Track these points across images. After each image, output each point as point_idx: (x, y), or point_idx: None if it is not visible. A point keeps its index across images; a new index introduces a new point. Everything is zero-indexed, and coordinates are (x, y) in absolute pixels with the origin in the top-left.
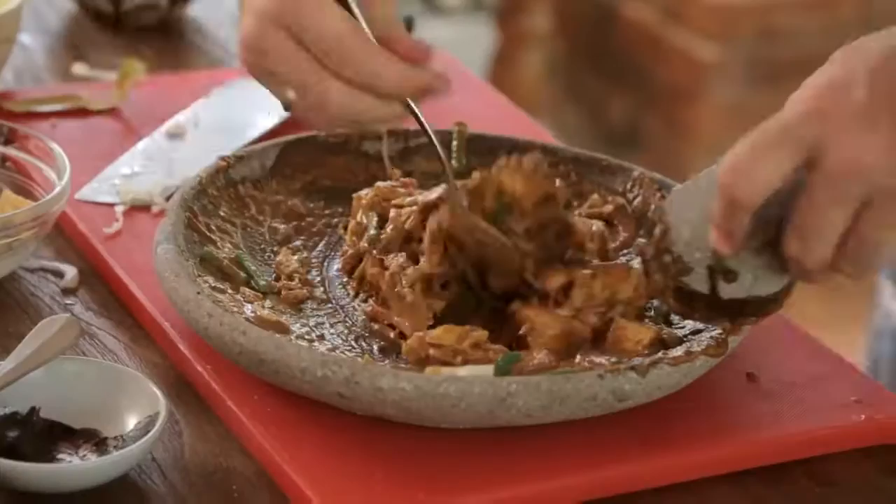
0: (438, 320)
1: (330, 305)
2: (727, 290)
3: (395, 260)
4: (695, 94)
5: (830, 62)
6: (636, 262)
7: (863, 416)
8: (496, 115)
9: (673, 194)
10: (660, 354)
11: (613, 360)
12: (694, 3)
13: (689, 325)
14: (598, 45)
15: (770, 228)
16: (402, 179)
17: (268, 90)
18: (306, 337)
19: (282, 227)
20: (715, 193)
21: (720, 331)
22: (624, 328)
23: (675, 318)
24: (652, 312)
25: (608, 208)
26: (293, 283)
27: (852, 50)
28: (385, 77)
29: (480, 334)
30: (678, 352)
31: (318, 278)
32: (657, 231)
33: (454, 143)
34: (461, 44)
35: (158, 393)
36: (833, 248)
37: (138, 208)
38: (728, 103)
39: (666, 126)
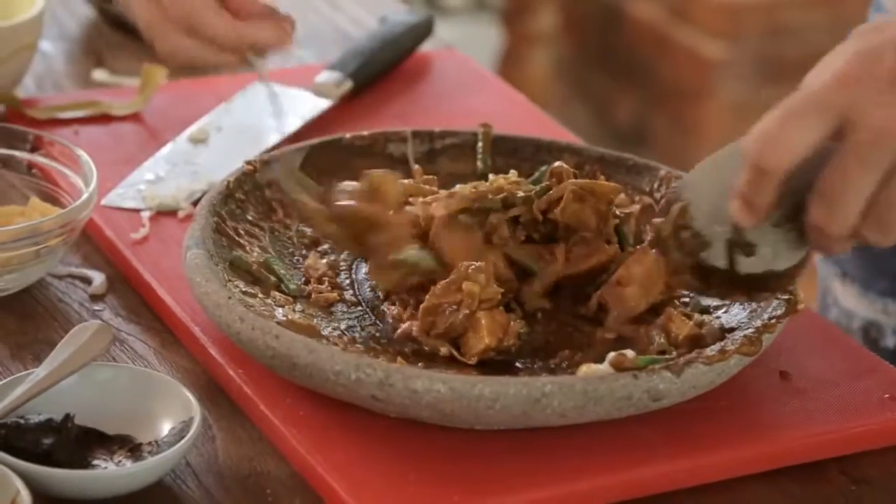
0: None
1: (360, 308)
2: (745, 265)
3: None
4: (702, 92)
5: (852, 37)
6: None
7: None
8: (514, 113)
9: (690, 173)
10: (694, 353)
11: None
12: (700, 2)
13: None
14: (605, 43)
15: (789, 202)
16: (424, 177)
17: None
18: (338, 340)
19: (309, 230)
20: (736, 167)
21: (754, 329)
22: (671, 319)
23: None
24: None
25: (635, 208)
26: (323, 286)
27: (873, 27)
28: (223, 37)
29: (519, 324)
30: (712, 351)
31: (347, 281)
32: (674, 209)
33: (479, 144)
34: (466, 44)
35: (192, 398)
36: (858, 215)
37: (164, 213)
38: (735, 101)
39: (673, 124)
